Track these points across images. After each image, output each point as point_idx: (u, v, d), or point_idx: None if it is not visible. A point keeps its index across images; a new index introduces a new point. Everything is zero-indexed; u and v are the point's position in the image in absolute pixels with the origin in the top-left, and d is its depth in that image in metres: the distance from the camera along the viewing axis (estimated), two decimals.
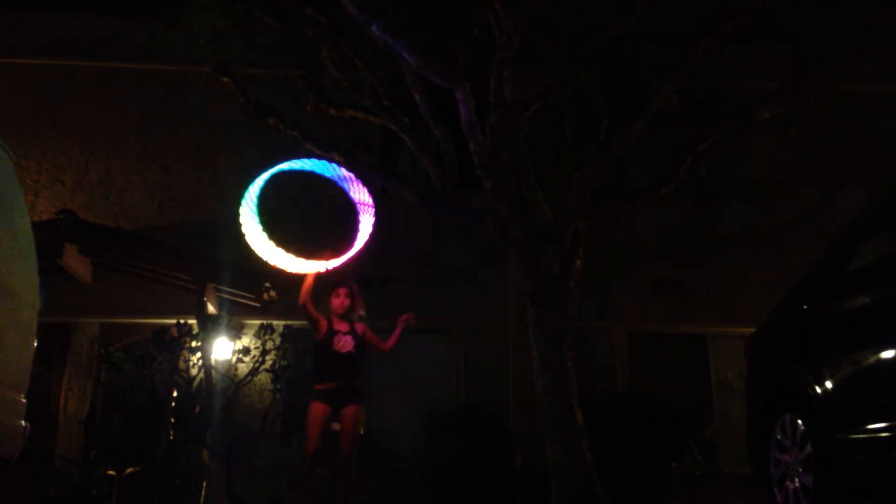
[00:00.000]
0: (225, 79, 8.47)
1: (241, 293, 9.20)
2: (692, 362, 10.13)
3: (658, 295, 10.20)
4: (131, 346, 9.08)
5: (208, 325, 8.47)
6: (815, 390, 4.04)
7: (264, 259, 5.40)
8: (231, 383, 8.49)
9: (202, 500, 8.08)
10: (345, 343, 5.45)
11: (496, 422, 8.61)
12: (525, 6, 6.72)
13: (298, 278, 5.78)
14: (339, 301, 5.62)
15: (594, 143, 8.29)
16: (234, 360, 8.61)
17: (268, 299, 9.15)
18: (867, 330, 3.81)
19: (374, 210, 5.72)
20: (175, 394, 8.40)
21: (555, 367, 7.16)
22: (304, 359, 8.22)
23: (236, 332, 8.76)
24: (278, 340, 8.66)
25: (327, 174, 5.84)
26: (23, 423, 3.55)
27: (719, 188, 10.40)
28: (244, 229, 5.41)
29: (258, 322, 8.95)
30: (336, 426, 5.36)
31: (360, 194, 5.76)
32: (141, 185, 10.26)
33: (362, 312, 5.71)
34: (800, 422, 4.21)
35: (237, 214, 5.76)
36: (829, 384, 3.97)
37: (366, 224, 5.61)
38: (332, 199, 5.99)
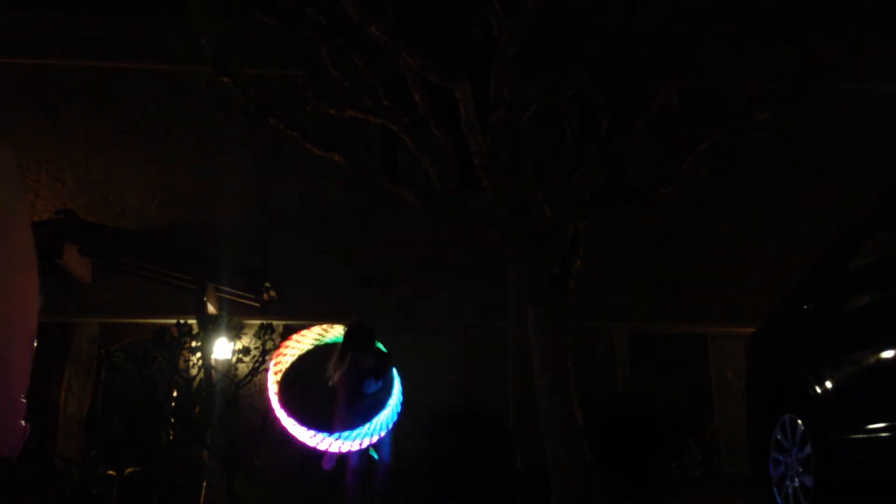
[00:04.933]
0: (225, 79, 8.47)
1: (241, 293, 9.20)
2: (692, 362, 10.14)
3: (658, 295, 10.20)
4: (131, 346, 9.08)
5: (208, 325, 8.47)
6: (815, 390, 4.04)
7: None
8: (231, 383, 8.49)
9: (202, 500, 8.08)
10: None
11: (496, 422, 8.61)
12: (525, 6, 6.72)
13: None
14: None
15: (594, 143, 8.28)
16: (234, 360, 8.61)
17: (268, 299, 9.15)
18: (867, 330, 3.80)
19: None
20: (175, 394, 8.40)
21: (555, 367, 7.16)
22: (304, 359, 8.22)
23: (236, 332, 8.76)
24: (278, 340, 8.65)
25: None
26: (23, 423, 3.55)
27: (719, 188, 10.40)
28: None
29: (258, 322, 8.95)
30: None
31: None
32: (141, 185, 10.26)
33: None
34: (800, 422, 4.21)
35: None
36: (829, 384, 3.97)
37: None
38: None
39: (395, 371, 5.73)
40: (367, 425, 5.43)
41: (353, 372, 5.60)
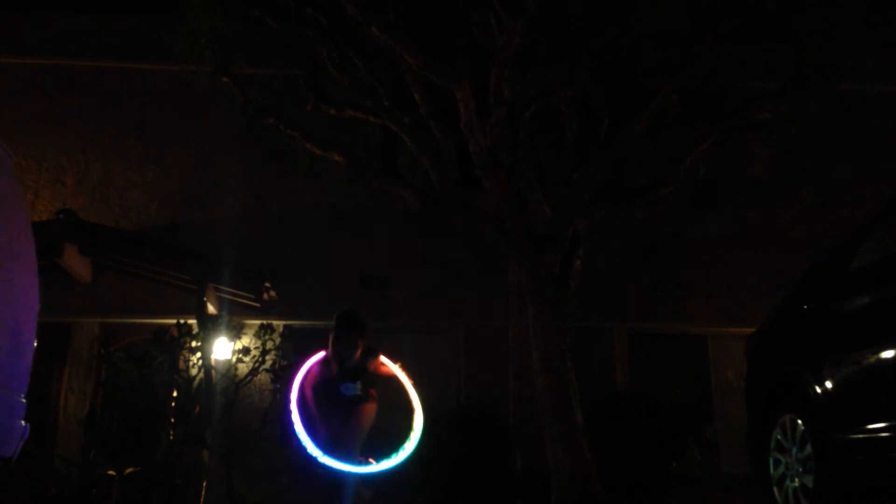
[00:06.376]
0: (225, 79, 8.47)
1: (241, 293, 9.20)
2: (692, 362, 10.13)
3: (658, 295, 10.19)
4: (131, 346, 9.07)
5: (208, 325, 8.47)
6: (815, 390, 4.04)
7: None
8: (231, 383, 8.48)
9: (202, 500, 8.08)
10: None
11: (496, 422, 8.60)
12: (525, 6, 6.72)
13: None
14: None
15: (594, 143, 8.29)
16: (234, 360, 8.60)
17: (268, 299, 9.14)
18: (867, 330, 3.80)
19: None
20: (175, 394, 8.39)
21: (555, 367, 7.16)
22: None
23: (236, 332, 8.75)
24: (278, 340, 8.66)
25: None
26: (23, 423, 3.55)
27: (719, 188, 10.40)
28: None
29: (258, 322, 8.95)
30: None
31: None
32: (141, 185, 10.26)
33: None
34: (800, 422, 4.21)
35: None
36: (829, 384, 3.97)
37: None
38: None
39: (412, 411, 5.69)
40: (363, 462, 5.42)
41: (337, 375, 5.62)
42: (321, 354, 5.80)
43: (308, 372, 5.67)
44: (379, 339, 9.68)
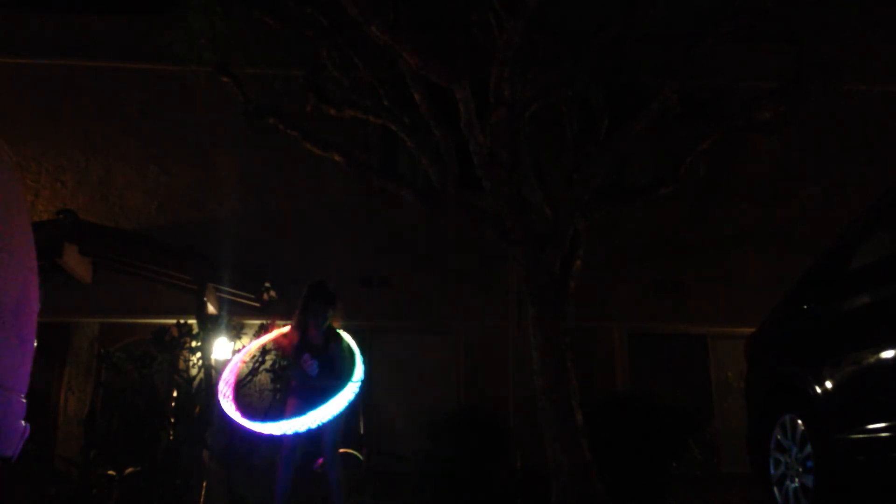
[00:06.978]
0: (225, 79, 8.47)
1: (241, 293, 9.20)
2: (692, 362, 10.14)
3: (658, 295, 10.20)
4: (131, 346, 9.07)
5: (208, 325, 8.46)
6: (815, 390, 4.04)
7: None
8: None
9: (202, 500, 8.07)
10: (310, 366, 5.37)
11: (496, 422, 8.61)
12: (525, 6, 6.72)
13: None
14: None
15: (594, 143, 8.29)
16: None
17: (268, 299, 9.14)
18: (867, 330, 3.80)
19: None
20: (175, 394, 8.39)
21: (555, 367, 7.16)
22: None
23: (236, 332, 8.75)
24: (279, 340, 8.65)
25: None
26: (23, 423, 3.55)
27: (719, 188, 10.40)
28: None
29: (258, 322, 8.95)
30: None
31: None
32: (141, 185, 10.26)
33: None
34: (800, 422, 4.21)
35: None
36: (829, 384, 3.97)
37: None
38: None
39: (348, 358, 5.40)
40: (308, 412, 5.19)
41: (297, 345, 5.46)
42: (281, 330, 5.64)
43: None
44: (379, 339, 9.74)
